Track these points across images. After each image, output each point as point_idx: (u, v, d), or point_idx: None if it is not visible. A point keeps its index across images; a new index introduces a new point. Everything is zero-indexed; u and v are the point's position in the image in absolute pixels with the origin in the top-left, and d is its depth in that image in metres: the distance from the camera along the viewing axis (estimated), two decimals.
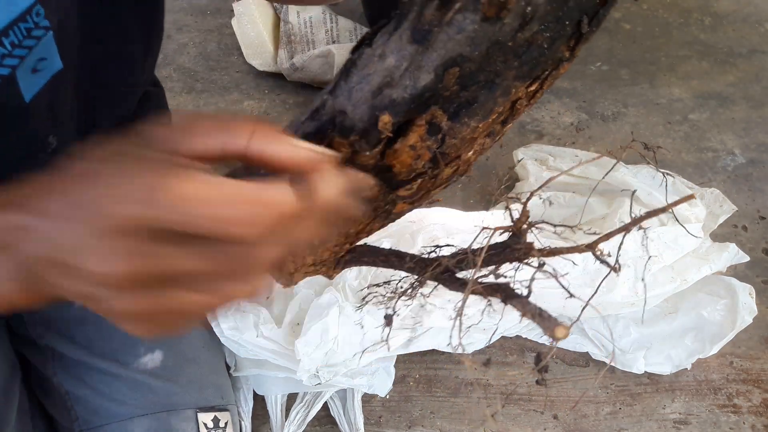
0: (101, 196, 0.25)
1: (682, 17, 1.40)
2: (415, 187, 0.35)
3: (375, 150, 0.32)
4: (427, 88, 0.29)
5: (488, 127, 0.32)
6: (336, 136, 0.31)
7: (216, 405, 0.69)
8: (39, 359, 0.69)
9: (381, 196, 0.35)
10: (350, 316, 0.73)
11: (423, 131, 0.31)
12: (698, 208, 0.85)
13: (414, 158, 0.32)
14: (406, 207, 0.37)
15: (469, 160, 0.36)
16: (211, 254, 0.25)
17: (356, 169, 0.33)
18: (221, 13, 1.37)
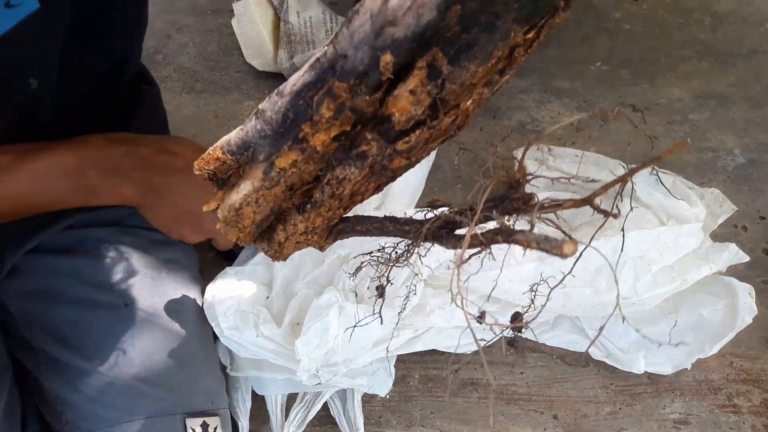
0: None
1: (682, 17, 1.40)
2: (413, 139, 0.34)
3: (375, 95, 0.31)
4: (429, 25, 0.29)
5: (487, 73, 0.32)
6: (336, 81, 0.31)
7: (205, 410, 0.69)
8: (32, 362, 0.69)
9: (378, 150, 0.35)
10: (350, 316, 0.73)
11: (423, 75, 0.31)
12: (698, 208, 0.85)
13: (414, 104, 0.32)
14: (404, 162, 0.37)
15: (467, 110, 0.35)
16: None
17: (354, 116, 0.32)
18: (221, 13, 1.37)
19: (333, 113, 0.32)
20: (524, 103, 1.21)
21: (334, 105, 0.32)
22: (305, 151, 0.34)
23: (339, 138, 0.34)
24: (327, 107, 0.32)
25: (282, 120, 0.34)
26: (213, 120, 1.17)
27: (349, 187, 0.37)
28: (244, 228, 0.39)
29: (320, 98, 0.32)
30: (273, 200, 0.37)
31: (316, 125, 0.33)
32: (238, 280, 0.80)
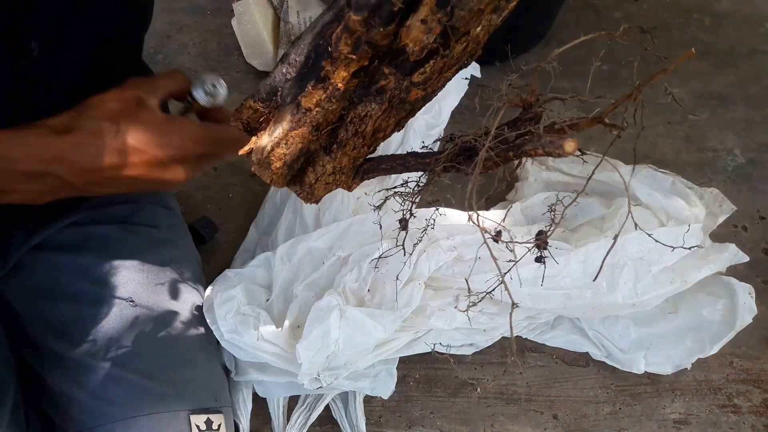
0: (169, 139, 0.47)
1: (682, 17, 1.40)
2: (428, 69, 0.36)
3: (389, 27, 0.33)
4: None
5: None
6: (351, 14, 0.33)
7: (209, 407, 0.69)
8: (35, 359, 0.69)
9: (396, 84, 0.37)
10: (351, 318, 0.73)
11: (433, 3, 0.32)
12: (698, 208, 0.85)
13: (425, 32, 0.33)
14: (420, 94, 0.38)
15: (478, 36, 0.37)
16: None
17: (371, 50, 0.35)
18: (221, 13, 1.37)
19: (351, 48, 0.34)
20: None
21: (351, 39, 0.34)
22: (327, 89, 0.36)
23: (358, 74, 0.36)
24: (345, 42, 0.34)
25: (305, 61, 0.36)
26: None
27: (371, 124, 0.39)
28: (277, 170, 0.42)
29: (338, 35, 0.34)
30: (301, 140, 0.40)
31: (336, 62, 0.35)
32: (238, 282, 0.80)
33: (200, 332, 0.75)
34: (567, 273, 0.77)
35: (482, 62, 1.22)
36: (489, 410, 0.84)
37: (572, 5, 1.38)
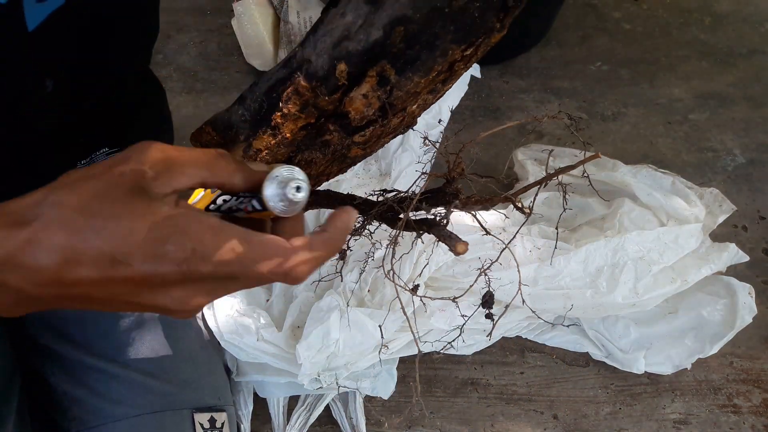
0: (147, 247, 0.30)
1: (682, 17, 1.40)
2: (368, 133, 0.40)
3: (333, 96, 0.37)
4: (377, 42, 0.34)
5: (429, 84, 0.37)
6: (301, 80, 0.37)
7: (213, 405, 0.69)
8: (36, 359, 0.69)
9: (339, 140, 0.40)
10: (351, 319, 0.73)
11: (374, 82, 0.36)
12: (697, 207, 0.85)
13: (366, 106, 0.37)
14: (360, 152, 0.43)
15: (413, 112, 0.41)
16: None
17: (317, 111, 0.38)
18: (221, 13, 1.37)
19: (299, 107, 0.38)
20: (524, 103, 1.21)
21: (299, 101, 0.37)
22: (277, 137, 0.39)
23: (306, 128, 0.39)
24: (294, 102, 0.38)
25: (258, 108, 0.39)
26: None
27: (315, 169, 0.43)
28: None
29: (288, 94, 0.37)
30: None
31: (285, 116, 0.38)
32: None
33: (202, 331, 0.75)
34: (567, 273, 0.77)
35: (482, 62, 1.22)
36: (489, 410, 0.84)
37: (572, 5, 1.38)
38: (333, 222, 0.36)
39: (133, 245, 0.30)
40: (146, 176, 0.32)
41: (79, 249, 0.30)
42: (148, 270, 0.31)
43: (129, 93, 0.74)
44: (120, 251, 0.30)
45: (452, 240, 0.44)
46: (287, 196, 0.35)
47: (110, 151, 0.71)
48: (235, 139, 0.41)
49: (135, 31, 0.60)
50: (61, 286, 0.31)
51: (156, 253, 0.31)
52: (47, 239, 0.30)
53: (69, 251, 0.30)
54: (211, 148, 0.38)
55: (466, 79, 1.20)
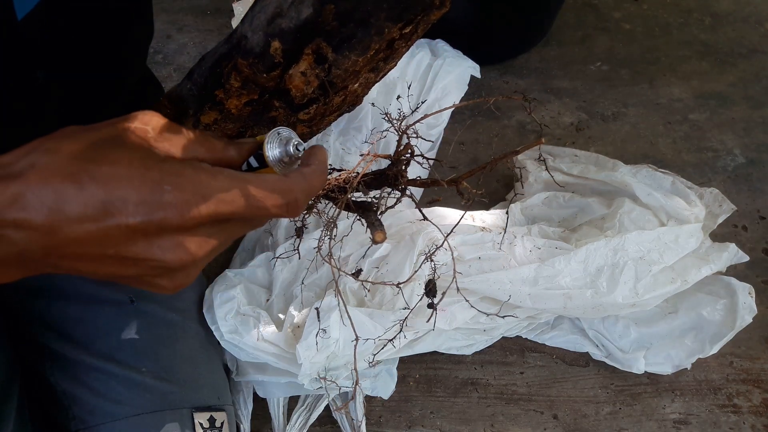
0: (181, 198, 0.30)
1: (682, 17, 1.40)
2: (312, 111, 0.40)
3: (272, 73, 0.37)
4: (308, 20, 0.34)
5: (369, 62, 0.37)
6: (239, 57, 0.36)
7: (212, 405, 0.69)
8: (36, 358, 0.69)
9: (285, 117, 0.40)
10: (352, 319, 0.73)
11: (311, 60, 0.36)
12: (697, 207, 0.85)
13: (305, 83, 0.37)
14: (306, 130, 0.42)
15: (356, 91, 0.41)
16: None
17: (258, 88, 0.37)
18: (221, 13, 1.37)
19: (240, 84, 0.38)
20: (524, 103, 1.21)
21: (240, 78, 0.37)
22: (222, 111, 0.39)
23: (251, 104, 0.39)
24: (234, 79, 0.37)
25: (204, 84, 0.39)
26: None
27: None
28: None
29: (229, 70, 0.37)
30: None
31: (228, 92, 0.38)
32: (238, 282, 0.80)
33: (201, 330, 0.75)
34: (567, 273, 0.77)
35: (482, 62, 1.22)
36: (489, 410, 0.84)
37: (572, 5, 1.38)
38: (315, 155, 0.36)
39: (129, 189, 0.29)
40: (149, 135, 0.32)
41: (70, 196, 0.29)
42: (145, 216, 0.29)
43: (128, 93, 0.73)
44: (116, 196, 0.29)
45: (374, 227, 0.43)
46: (289, 152, 0.36)
47: None
48: (186, 113, 0.41)
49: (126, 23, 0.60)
50: (52, 240, 0.29)
51: (154, 196, 0.29)
52: (39, 187, 0.28)
53: (59, 201, 0.29)
54: (167, 120, 0.36)
55: (466, 79, 1.20)
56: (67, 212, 0.29)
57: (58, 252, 0.30)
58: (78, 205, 0.29)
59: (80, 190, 0.29)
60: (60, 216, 0.29)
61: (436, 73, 1.15)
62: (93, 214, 0.29)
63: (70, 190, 0.29)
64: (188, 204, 0.30)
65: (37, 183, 0.29)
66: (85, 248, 0.30)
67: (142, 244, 0.30)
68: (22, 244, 0.29)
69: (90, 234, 0.29)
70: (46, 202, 0.29)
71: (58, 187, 0.29)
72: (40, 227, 0.29)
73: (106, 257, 0.30)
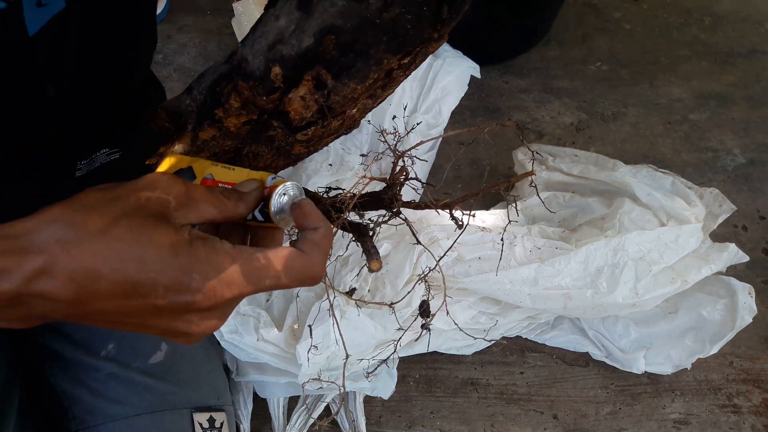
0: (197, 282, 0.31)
1: (682, 17, 1.40)
2: (310, 133, 0.40)
3: (272, 96, 0.37)
4: (309, 49, 0.34)
5: (367, 90, 0.38)
6: (239, 80, 0.37)
7: (212, 405, 0.69)
8: (36, 358, 0.69)
9: (282, 137, 0.41)
10: (351, 318, 0.73)
11: (311, 86, 0.36)
12: (697, 207, 0.85)
13: (304, 108, 0.38)
14: (303, 150, 0.43)
15: (354, 116, 0.41)
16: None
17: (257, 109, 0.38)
18: (221, 13, 1.37)
19: (240, 105, 0.38)
20: (524, 103, 1.21)
21: (240, 99, 0.38)
22: (222, 129, 0.40)
23: (250, 123, 0.40)
24: (234, 99, 0.38)
25: (203, 101, 0.40)
26: None
27: (263, 161, 0.43)
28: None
29: (229, 91, 0.38)
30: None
31: (227, 111, 0.39)
32: None
33: None
34: (567, 273, 0.77)
35: (482, 62, 1.22)
36: (489, 410, 0.84)
37: (572, 5, 1.38)
38: (312, 218, 0.38)
39: (160, 273, 0.31)
40: (170, 205, 0.33)
41: (102, 275, 0.30)
42: (174, 299, 0.31)
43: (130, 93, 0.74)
44: (146, 280, 0.30)
45: (371, 255, 0.44)
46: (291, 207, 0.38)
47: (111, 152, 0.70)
48: (184, 127, 0.41)
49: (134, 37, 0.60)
50: (78, 310, 0.31)
51: (183, 282, 0.31)
52: (67, 265, 0.29)
53: (90, 280, 0.29)
54: (165, 132, 0.39)
55: (466, 79, 1.19)
56: (96, 289, 0.30)
57: (83, 316, 0.31)
58: (108, 283, 0.30)
59: (111, 270, 0.30)
60: (88, 292, 0.30)
61: (436, 73, 1.14)
62: (122, 293, 0.30)
63: (100, 269, 0.29)
64: (214, 290, 0.32)
65: (65, 260, 0.29)
66: (110, 317, 0.32)
67: (167, 318, 0.32)
68: (47, 311, 0.30)
69: (117, 308, 0.31)
70: (75, 279, 0.29)
71: (88, 266, 0.29)
72: (67, 300, 0.30)
73: (129, 323, 0.32)
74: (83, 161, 0.68)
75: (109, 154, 0.71)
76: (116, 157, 0.72)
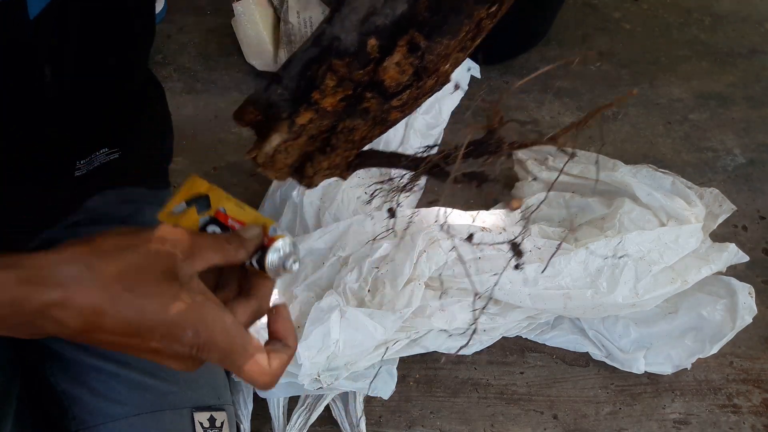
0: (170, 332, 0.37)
1: (682, 17, 1.40)
2: (404, 97, 0.41)
3: (367, 68, 0.39)
4: (403, 15, 0.36)
5: (459, 43, 0.39)
6: (333, 59, 0.38)
7: (212, 404, 0.69)
8: (35, 358, 0.69)
9: (377, 106, 0.42)
10: (351, 319, 0.73)
11: (405, 50, 0.38)
12: (698, 207, 0.85)
13: (399, 73, 0.39)
14: (399, 115, 0.44)
15: (447, 71, 0.42)
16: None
17: (353, 84, 0.40)
18: (221, 13, 1.36)
19: (335, 83, 0.39)
20: (524, 103, 1.21)
21: (335, 77, 0.39)
22: (318, 111, 0.41)
23: (345, 99, 0.41)
24: (330, 79, 0.39)
25: (296, 88, 0.41)
26: (213, 120, 1.17)
27: (359, 134, 0.44)
28: (279, 170, 0.47)
29: (323, 72, 0.39)
30: (299, 148, 0.45)
31: (323, 92, 0.40)
32: None
33: None
34: (567, 273, 0.77)
35: (482, 62, 1.22)
36: (489, 410, 0.84)
37: (572, 5, 1.38)
38: (288, 333, 0.44)
39: (158, 324, 0.37)
40: (177, 259, 0.38)
41: (109, 315, 0.36)
42: (164, 346, 0.37)
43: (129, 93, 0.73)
44: (145, 326, 0.36)
45: (507, 197, 0.47)
46: (285, 267, 0.42)
47: (110, 152, 0.70)
48: (278, 117, 0.43)
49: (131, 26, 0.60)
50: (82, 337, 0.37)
51: (176, 335, 0.37)
52: (80, 302, 0.35)
53: (98, 317, 0.35)
54: (255, 125, 0.44)
55: (466, 79, 1.20)
56: (101, 325, 0.36)
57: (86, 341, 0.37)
58: (112, 322, 0.36)
59: (117, 312, 0.36)
60: (94, 326, 0.36)
61: None
62: (123, 331, 0.36)
63: (108, 310, 0.36)
64: (201, 348, 0.38)
65: (80, 297, 0.35)
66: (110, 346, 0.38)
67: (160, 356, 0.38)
68: (55, 333, 0.36)
69: (118, 341, 0.37)
70: (84, 314, 0.35)
71: (97, 306, 0.35)
72: (75, 328, 0.36)
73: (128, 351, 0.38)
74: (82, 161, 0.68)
75: (109, 154, 0.70)
76: (115, 157, 0.72)
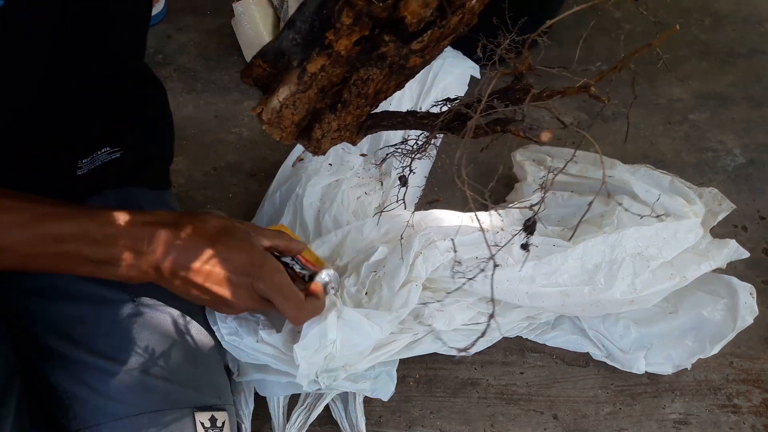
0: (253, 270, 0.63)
1: (682, 17, 1.40)
2: (426, 38, 0.38)
3: (387, 2, 0.36)
4: None
5: None
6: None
7: (213, 404, 0.69)
8: (37, 358, 0.69)
9: (395, 51, 0.39)
10: (348, 319, 0.73)
11: None
12: (697, 205, 0.85)
13: (423, 6, 0.36)
14: (419, 61, 0.41)
15: (473, 8, 0.39)
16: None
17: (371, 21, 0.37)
18: (221, 13, 1.37)
19: (352, 20, 0.37)
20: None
21: (352, 13, 0.36)
22: (331, 55, 0.38)
23: (360, 42, 0.38)
24: (347, 15, 0.36)
25: (309, 28, 0.38)
26: (213, 120, 1.17)
27: (373, 87, 0.42)
28: (285, 128, 0.45)
29: (340, 8, 0.36)
30: (308, 102, 0.42)
31: (338, 32, 0.37)
32: None
33: (201, 330, 0.75)
34: (564, 270, 0.77)
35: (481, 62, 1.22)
36: (489, 410, 0.84)
37: (572, 5, 1.38)
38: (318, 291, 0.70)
39: (237, 260, 0.61)
40: (250, 232, 0.64)
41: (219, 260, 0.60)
42: (239, 275, 0.61)
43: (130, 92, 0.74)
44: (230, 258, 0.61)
45: (535, 130, 0.44)
46: (326, 289, 0.71)
47: (112, 150, 0.71)
48: (288, 66, 0.40)
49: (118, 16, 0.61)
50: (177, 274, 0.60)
51: (246, 268, 0.62)
52: (194, 245, 0.59)
53: (201, 255, 0.59)
54: (263, 80, 0.46)
55: (466, 80, 1.20)
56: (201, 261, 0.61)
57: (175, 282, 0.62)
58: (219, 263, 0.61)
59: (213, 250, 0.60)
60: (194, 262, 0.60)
61: (436, 73, 1.15)
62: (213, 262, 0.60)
63: (207, 249, 0.60)
64: (261, 277, 0.62)
65: (196, 240, 0.61)
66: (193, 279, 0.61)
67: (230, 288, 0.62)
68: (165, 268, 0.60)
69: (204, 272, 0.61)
70: (195, 257, 0.60)
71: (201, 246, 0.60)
72: (179, 266, 0.60)
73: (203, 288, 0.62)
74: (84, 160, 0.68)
75: (110, 153, 0.71)
76: (117, 156, 0.72)
